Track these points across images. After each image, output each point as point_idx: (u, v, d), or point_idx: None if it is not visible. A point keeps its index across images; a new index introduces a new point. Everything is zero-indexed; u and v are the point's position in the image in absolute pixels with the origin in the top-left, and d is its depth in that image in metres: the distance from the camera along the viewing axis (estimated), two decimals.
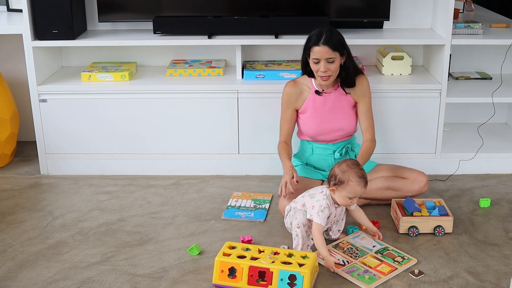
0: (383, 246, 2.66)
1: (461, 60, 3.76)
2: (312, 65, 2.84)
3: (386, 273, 2.46)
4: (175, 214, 3.01)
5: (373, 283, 2.39)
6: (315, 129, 2.98)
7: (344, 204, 2.61)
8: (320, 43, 2.77)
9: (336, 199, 2.59)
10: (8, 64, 3.79)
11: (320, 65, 2.81)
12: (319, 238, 2.51)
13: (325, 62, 2.79)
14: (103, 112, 3.37)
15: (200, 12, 3.43)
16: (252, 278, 2.36)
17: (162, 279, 2.46)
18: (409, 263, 2.54)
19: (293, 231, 2.60)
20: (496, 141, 3.55)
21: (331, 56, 2.78)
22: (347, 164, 2.58)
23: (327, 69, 2.80)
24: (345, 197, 2.57)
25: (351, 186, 2.54)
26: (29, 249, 2.70)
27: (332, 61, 2.80)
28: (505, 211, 3.02)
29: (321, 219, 2.52)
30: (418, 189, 2.96)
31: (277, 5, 3.46)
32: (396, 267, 2.50)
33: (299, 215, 2.57)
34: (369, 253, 2.60)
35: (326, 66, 2.80)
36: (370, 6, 3.45)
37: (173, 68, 3.49)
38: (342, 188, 2.56)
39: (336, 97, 2.97)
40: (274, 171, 3.41)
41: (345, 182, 2.54)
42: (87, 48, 3.67)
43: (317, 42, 2.78)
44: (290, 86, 3.00)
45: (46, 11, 3.24)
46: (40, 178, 3.44)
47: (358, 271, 2.47)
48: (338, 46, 2.80)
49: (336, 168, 2.59)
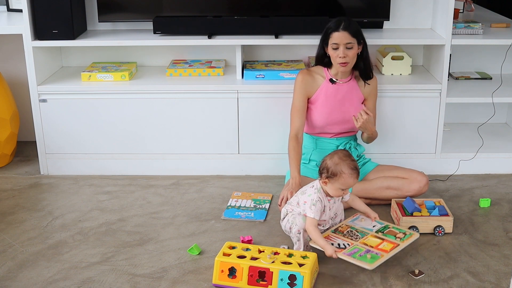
0: (383, 225, 2.63)
1: (461, 60, 3.76)
2: (330, 51, 2.92)
3: (389, 250, 2.43)
4: (175, 214, 3.01)
5: (375, 262, 2.36)
6: (325, 119, 3.01)
7: (336, 195, 2.60)
8: (340, 29, 2.87)
9: (328, 191, 2.58)
10: (8, 64, 3.79)
11: (339, 51, 2.88)
12: (313, 231, 2.50)
13: (344, 47, 2.87)
14: (103, 112, 3.37)
15: (200, 12, 3.43)
16: (252, 278, 2.36)
17: (162, 279, 2.46)
18: (411, 238, 2.51)
19: (294, 237, 2.60)
20: (496, 141, 3.55)
21: (350, 41, 2.87)
22: (339, 156, 2.57)
23: (346, 54, 2.88)
24: (337, 189, 2.56)
25: (344, 179, 2.53)
26: (29, 249, 2.70)
27: (351, 47, 2.88)
28: (505, 211, 3.03)
29: (314, 212, 2.52)
30: (418, 189, 2.96)
31: (277, 5, 3.47)
32: (398, 243, 2.48)
33: (298, 220, 2.56)
34: (370, 233, 2.57)
35: (345, 52, 2.87)
36: (370, 6, 3.45)
37: (173, 68, 3.49)
38: (334, 181, 2.55)
39: (348, 88, 3.03)
40: (274, 171, 3.41)
41: (338, 175, 2.53)
42: (87, 48, 3.67)
43: (337, 28, 2.88)
44: (304, 73, 3.05)
45: (46, 11, 3.25)
46: (40, 178, 3.44)
47: (359, 252, 2.43)
48: (357, 33, 2.90)
49: (328, 161, 2.58)
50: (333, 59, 2.93)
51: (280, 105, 3.29)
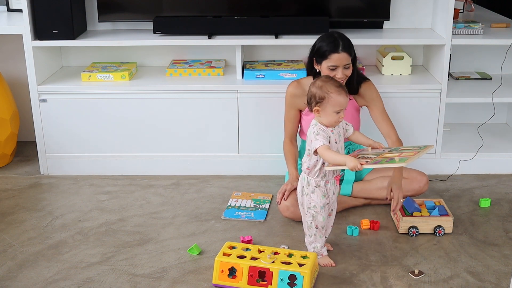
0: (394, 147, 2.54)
1: (461, 60, 3.76)
2: (325, 71, 2.77)
3: (413, 154, 2.31)
4: (175, 214, 3.01)
5: (407, 160, 2.24)
6: None
7: (333, 122, 2.45)
8: (340, 50, 2.73)
9: (324, 121, 2.46)
10: (8, 64, 3.79)
11: (337, 72, 2.75)
12: (327, 152, 2.38)
13: (342, 68, 2.75)
14: (103, 112, 3.37)
15: (200, 12, 3.43)
16: (252, 278, 2.36)
17: (162, 279, 2.46)
18: (427, 148, 2.39)
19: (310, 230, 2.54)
20: (496, 141, 3.55)
21: (348, 62, 2.76)
22: (321, 80, 2.46)
23: (345, 75, 2.77)
24: (331, 113, 2.43)
25: (332, 98, 2.41)
26: (29, 249, 2.70)
27: (348, 67, 2.77)
28: (505, 211, 3.03)
29: (320, 140, 2.40)
30: (418, 189, 2.96)
31: (277, 5, 3.46)
32: (418, 151, 2.36)
33: (320, 217, 2.51)
34: (384, 152, 2.45)
35: (344, 72, 2.76)
36: (370, 6, 3.45)
37: (173, 68, 3.49)
38: (325, 105, 2.43)
39: None
40: (274, 171, 3.41)
41: (325, 97, 2.42)
42: (87, 48, 3.67)
43: (335, 49, 2.73)
44: (294, 86, 2.98)
45: (46, 11, 3.25)
46: (40, 178, 3.44)
47: (383, 160, 2.29)
48: (352, 50, 2.79)
49: (312, 88, 2.47)
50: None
51: (280, 105, 3.28)
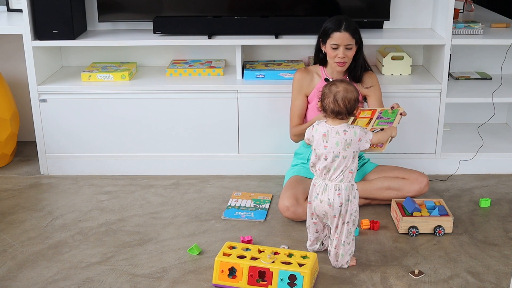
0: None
1: (461, 60, 3.76)
2: (329, 51, 2.91)
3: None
4: (175, 214, 3.01)
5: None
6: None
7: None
8: (342, 29, 2.86)
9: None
10: (8, 64, 3.79)
11: (338, 51, 2.88)
12: (376, 136, 2.52)
13: (343, 48, 2.87)
14: (103, 112, 3.37)
15: (200, 12, 3.43)
16: (252, 278, 2.36)
17: (162, 279, 2.46)
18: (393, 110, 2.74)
19: (349, 237, 2.48)
20: (496, 141, 3.55)
21: (350, 42, 2.88)
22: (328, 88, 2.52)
23: (345, 55, 2.89)
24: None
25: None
26: (29, 249, 2.70)
27: (350, 48, 2.89)
28: (505, 211, 3.03)
29: (368, 132, 2.48)
30: (418, 190, 2.96)
31: (277, 5, 3.47)
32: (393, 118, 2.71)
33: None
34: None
35: (345, 52, 2.88)
36: (370, 6, 3.45)
37: (173, 68, 3.49)
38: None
39: None
40: (274, 171, 3.41)
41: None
42: (87, 48, 3.67)
43: (338, 28, 2.87)
44: (302, 72, 3.06)
45: (46, 11, 3.25)
46: (40, 178, 3.44)
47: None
48: (356, 33, 2.90)
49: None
50: (331, 57, 2.93)
51: (280, 105, 3.29)
